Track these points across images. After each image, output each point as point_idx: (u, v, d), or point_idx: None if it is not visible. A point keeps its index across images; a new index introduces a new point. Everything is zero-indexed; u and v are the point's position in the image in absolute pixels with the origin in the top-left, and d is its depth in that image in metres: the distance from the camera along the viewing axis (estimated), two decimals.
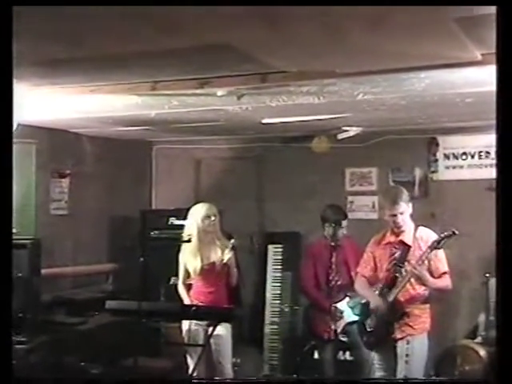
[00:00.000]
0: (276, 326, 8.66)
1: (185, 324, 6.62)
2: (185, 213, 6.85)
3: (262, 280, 8.89)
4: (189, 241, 6.55)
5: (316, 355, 7.51)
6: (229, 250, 6.53)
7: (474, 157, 8.33)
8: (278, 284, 8.78)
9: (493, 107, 3.08)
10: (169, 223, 8.58)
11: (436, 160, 8.53)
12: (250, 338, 8.54)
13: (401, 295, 5.76)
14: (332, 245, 6.95)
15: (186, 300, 6.68)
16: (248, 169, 9.30)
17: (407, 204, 5.82)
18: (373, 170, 8.84)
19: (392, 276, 5.81)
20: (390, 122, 7.68)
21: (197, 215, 6.62)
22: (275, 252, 8.93)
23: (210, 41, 4.07)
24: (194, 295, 6.67)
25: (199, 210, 6.63)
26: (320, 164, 8.71)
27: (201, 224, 6.58)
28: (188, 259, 6.67)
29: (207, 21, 3.62)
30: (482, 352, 7.33)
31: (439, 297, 6.18)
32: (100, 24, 3.72)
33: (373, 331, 5.96)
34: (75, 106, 6.31)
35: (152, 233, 8.71)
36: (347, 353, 7.39)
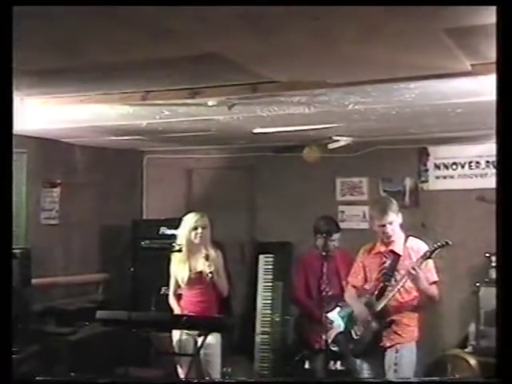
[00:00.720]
0: (267, 336, 8.64)
1: (175, 334, 6.61)
2: (176, 222, 6.85)
3: (253, 290, 8.87)
4: (179, 250, 6.56)
5: (307, 365, 7.49)
6: (212, 261, 6.54)
7: (465, 167, 8.34)
8: (269, 294, 8.76)
9: (483, 117, 3.11)
10: (160, 233, 8.59)
11: (426, 170, 8.54)
12: (241, 348, 8.52)
13: (389, 304, 5.77)
14: (324, 255, 6.96)
15: (177, 310, 6.67)
16: (239, 178, 9.30)
17: (396, 214, 5.83)
18: (363, 180, 8.85)
19: (382, 285, 5.82)
20: (381, 132, 7.69)
21: (185, 226, 6.63)
22: (266, 262, 8.92)
23: (201, 51, 4.08)
24: (185, 305, 6.66)
25: (188, 221, 6.63)
26: (311, 174, 8.71)
27: (188, 235, 6.59)
28: (177, 269, 6.67)
29: (198, 30, 3.63)
30: (473, 361, 7.34)
31: (428, 306, 6.18)
32: (91, 34, 3.73)
33: (360, 340, 5.96)
34: (66, 116, 6.31)
35: (143, 242, 8.75)
36: (338, 362, 7.38)
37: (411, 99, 5.45)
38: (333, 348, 6.92)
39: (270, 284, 8.80)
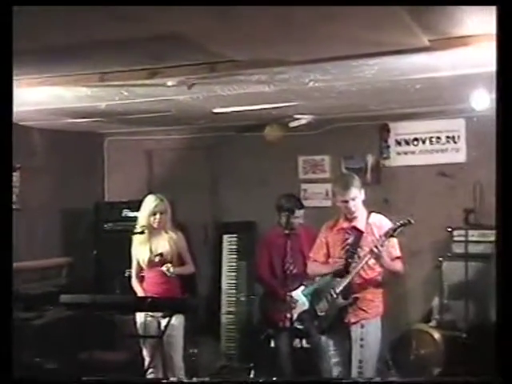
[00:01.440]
0: (232, 316, 8.66)
1: (139, 316, 6.58)
2: (138, 204, 6.81)
3: (218, 270, 8.88)
4: (142, 232, 6.54)
5: (272, 343, 7.51)
6: (174, 244, 6.53)
7: (425, 142, 8.39)
8: (234, 273, 8.77)
9: (442, 92, 3.11)
10: (122, 215, 8.55)
11: (388, 146, 8.57)
12: (207, 328, 8.52)
13: (353, 280, 5.78)
14: (287, 233, 6.94)
15: (140, 292, 6.64)
16: (201, 159, 9.27)
17: (359, 190, 5.83)
18: (325, 158, 8.87)
19: (345, 262, 5.83)
20: (342, 109, 7.70)
21: (145, 209, 6.61)
22: (230, 242, 8.92)
23: (160, 31, 4.05)
24: (148, 287, 6.64)
25: (148, 205, 6.60)
26: (273, 152, 8.71)
27: (148, 218, 6.57)
28: (138, 251, 6.66)
29: (156, 11, 3.59)
30: (437, 335, 7.41)
31: (392, 281, 6.22)
32: (46, 14, 3.67)
33: (325, 316, 5.97)
34: (23, 99, 6.21)
35: (106, 225, 8.70)
36: (303, 340, 7.40)
37: (371, 76, 5.46)
38: (298, 326, 6.95)
39: (235, 264, 8.81)
